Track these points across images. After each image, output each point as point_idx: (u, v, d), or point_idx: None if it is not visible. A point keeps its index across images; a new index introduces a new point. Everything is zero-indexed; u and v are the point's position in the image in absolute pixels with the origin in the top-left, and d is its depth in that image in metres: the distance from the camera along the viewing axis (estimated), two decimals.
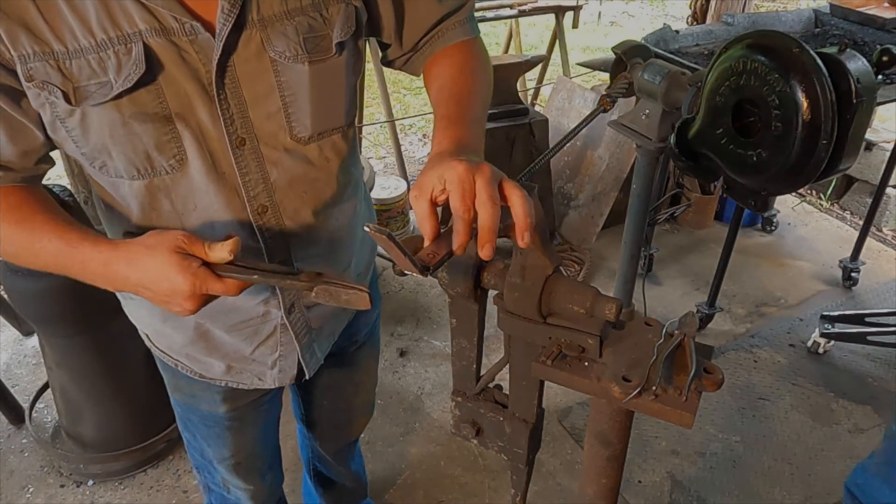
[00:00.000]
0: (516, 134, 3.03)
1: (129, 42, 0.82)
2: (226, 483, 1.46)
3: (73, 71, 0.82)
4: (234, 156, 0.94)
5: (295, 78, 0.93)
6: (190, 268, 0.80)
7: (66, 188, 1.88)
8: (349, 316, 1.31)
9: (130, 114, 0.85)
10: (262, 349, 1.16)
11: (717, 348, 2.80)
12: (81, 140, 0.88)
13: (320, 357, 1.26)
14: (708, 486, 2.21)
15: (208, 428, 1.33)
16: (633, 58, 1.92)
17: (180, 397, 1.30)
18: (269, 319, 1.12)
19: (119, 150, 0.88)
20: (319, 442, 1.68)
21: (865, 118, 1.42)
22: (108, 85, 0.83)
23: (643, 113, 1.95)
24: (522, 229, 0.77)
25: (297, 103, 0.95)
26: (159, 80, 0.85)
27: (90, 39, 0.81)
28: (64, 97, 0.82)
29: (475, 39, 1.12)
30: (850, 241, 3.34)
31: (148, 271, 0.81)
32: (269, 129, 0.95)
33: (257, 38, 0.89)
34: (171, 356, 1.20)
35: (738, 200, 1.72)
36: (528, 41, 6.26)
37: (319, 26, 0.93)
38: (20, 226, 0.87)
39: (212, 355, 1.16)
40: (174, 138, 0.89)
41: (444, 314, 2.98)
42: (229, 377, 1.20)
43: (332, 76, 0.98)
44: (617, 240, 2.42)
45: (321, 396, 1.52)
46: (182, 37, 0.85)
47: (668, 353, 0.82)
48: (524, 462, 1.06)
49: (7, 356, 2.74)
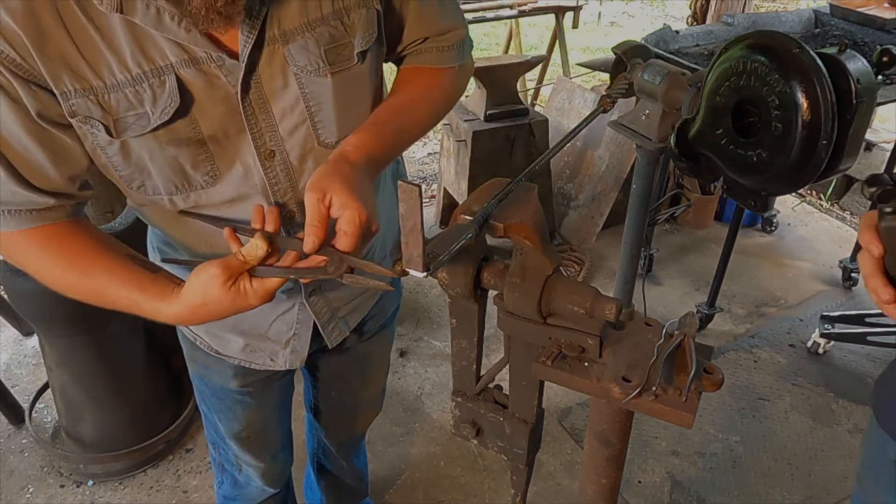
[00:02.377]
0: (516, 134, 3.03)
1: (162, 75, 0.86)
2: (238, 460, 1.48)
3: (112, 104, 0.85)
4: (264, 168, 0.98)
5: (319, 89, 0.96)
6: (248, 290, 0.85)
7: None
8: (377, 297, 1.35)
9: (167, 140, 0.90)
10: (279, 324, 1.20)
11: (717, 348, 2.80)
12: (122, 165, 0.92)
13: (345, 329, 1.29)
14: (708, 487, 2.21)
15: (220, 401, 1.36)
16: (633, 58, 1.92)
17: (195, 369, 1.34)
18: (291, 297, 1.17)
19: (157, 171, 0.93)
20: (325, 432, 1.70)
21: (865, 118, 1.42)
22: (145, 117, 0.87)
23: (643, 113, 1.95)
24: (346, 245, 0.84)
25: (323, 112, 0.99)
26: (192, 110, 0.90)
27: (126, 74, 0.85)
28: (105, 130, 0.86)
29: (452, 69, 1.14)
30: (850, 241, 3.34)
31: (216, 312, 0.87)
32: (297, 138, 0.99)
33: (280, 54, 0.92)
34: (191, 330, 1.24)
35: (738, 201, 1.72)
36: (528, 41, 6.26)
37: (341, 35, 0.96)
38: (88, 278, 0.92)
39: (231, 331, 1.20)
40: (208, 158, 0.94)
41: (444, 314, 2.98)
42: (244, 356, 1.24)
43: (356, 83, 1.01)
44: (617, 240, 2.42)
45: (330, 385, 1.55)
46: (210, 64, 0.88)
47: (668, 353, 0.82)
48: (524, 462, 1.06)
49: (7, 356, 2.74)
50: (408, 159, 4.25)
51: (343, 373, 1.50)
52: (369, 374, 1.55)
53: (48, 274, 0.93)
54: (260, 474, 1.50)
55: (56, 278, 0.93)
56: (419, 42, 1.11)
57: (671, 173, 3.38)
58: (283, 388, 1.42)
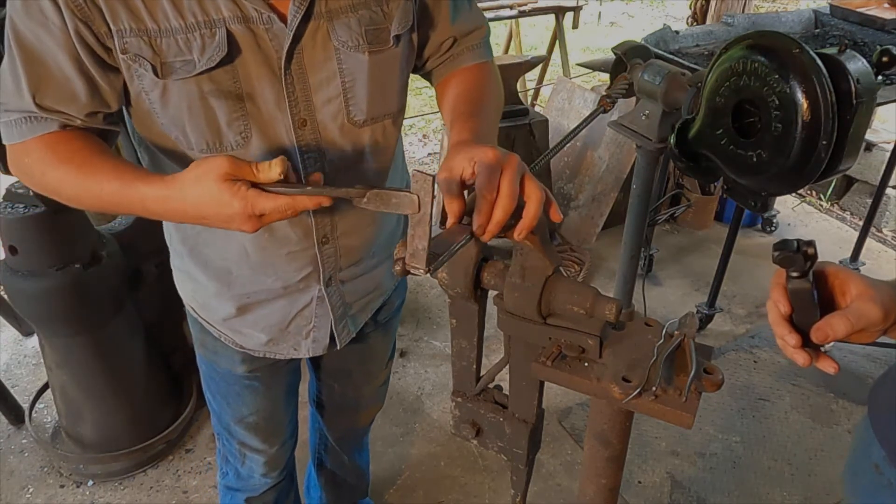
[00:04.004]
0: (516, 134, 3.03)
1: (214, 27, 0.91)
2: (242, 451, 1.50)
3: (163, 48, 0.91)
4: (296, 135, 1.01)
5: (355, 66, 1.02)
6: (239, 192, 0.83)
7: None
8: (383, 294, 1.36)
9: (208, 90, 0.94)
10: (298, 321, 1.24)
11: (716, 349, 2.80)
12: (161, 112, 0.96)
13: (353, 330, 1.32)
14: (708, 487, 2.21)
15: (229, 385, 1.38)
16: (633, 58, 1.92)
17: (204, 353, 1.36)
18: (308, 291, 1.20)
19: (193, 124, 0.97)
20: (327, 426, 1.72)
21: (865, 119, 1.42)
22: (191, 63, 0.92)
23: (643, 113, 1.95)
24: (523, 227, 0.82)
25: (356, 89, 1.03)
26: (236, 62, 0.94)
27: (180, 21, 0.90)
28: (153, 70, 0.91)
29: (487, 63, 1.19)
30: (850, 241, 3.34)
31: (201, 201, 0.85)
32: (329, 111, 1.03)
33: (324, 29, 0.98)
34: (215, 327, 1.27)
35: (738, 201, 1.72)
36: (528, 41, 6.26)
37: (380, 20, 1.02)
38: (81, 169, 0.93)
39: (254, 328, 1.24)
40: (243, 116, 0.98)
41: (444, 314, 2.98)
42: (268, 348, 1.27)
43: (389, 66, 1.06)
44: (617, 240, 2.42)
45: (333, 378, 1.57)
46: (259, 25, 0.94)
47: (668, 353, 0.82)
48: (524, 462, 1.06)
49: (7, 356, 2.74)
50: (408, 159, 4.25)
51: (346, 366, 1.52)
52: (372, 367, 1.57)
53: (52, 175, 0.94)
54: (265, 461, 1.51)
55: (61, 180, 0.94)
56: (448, 46, 1.16)
57: (671, 173, 3.38)
58: (291, 373, 1.45)
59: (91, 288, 1.89)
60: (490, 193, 0.80)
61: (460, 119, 1.03)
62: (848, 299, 0.83)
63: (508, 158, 0.83)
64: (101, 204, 0.95)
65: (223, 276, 1.17)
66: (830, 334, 0.80)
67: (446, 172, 0.85)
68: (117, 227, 2.14)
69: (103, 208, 0.97)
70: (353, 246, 1.18)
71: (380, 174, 1.16)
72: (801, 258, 0.77)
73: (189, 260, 1.19)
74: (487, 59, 1.19)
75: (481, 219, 0.80)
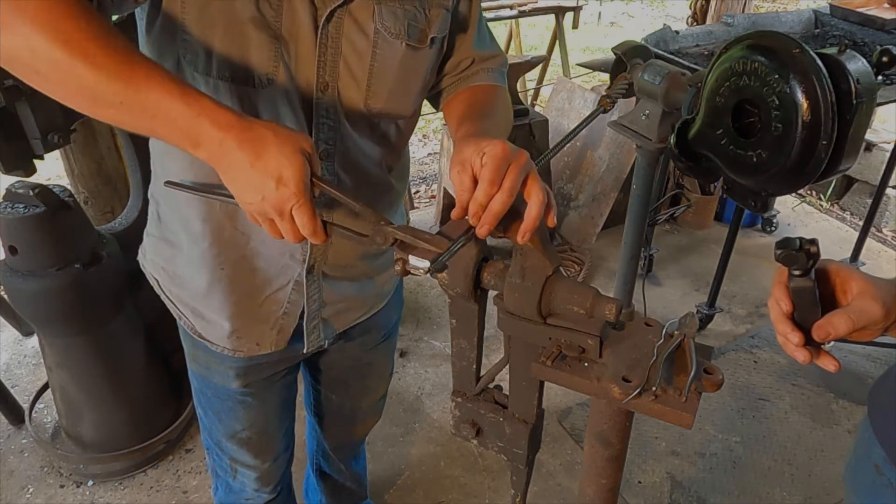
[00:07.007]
0: (516, 134, 3.03)
1: None
2: (233, 466, 1.47)
3: None
4: (316, 96, 1.00)
5: (389, 53, 1.02)
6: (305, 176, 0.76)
7: (66, 188, 1.88)
8: (366, 311, 1.33)
9: (249, 16, 0.92)
10: (269, 304, 1.18)
11: (716, 349, 2.80)
12: (194, 24, 0.91)
13: (323, 337, 1.27)
14: (708, 487, 2.21)
15: (221, 401, 1.35)
16: (633, 58, 1.92)
17: (196, 368, 1.33)
18: (288, 272, 1.15)
19: (222, 47, 0.93)
20: (324, 434, 1.71)
21: (865, 119, 1.42)
22: None
23: (643, 113, 1.95)
24: (526, 229, 0.82)
25: (382, 76, 1.03)
26: (283, 2, 0.93)
27: None
28: None
29: (501, 87, 1.20)
30: (850, 241, 3.34)
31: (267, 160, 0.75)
32: (351, 87, 1.02)
33: (370, 8, 0.99)
34: (177, 307, 1.23)
35: (738, 201, 1.72)
36: (528, 42, 6.26)
37: (422, 21, 1.04)
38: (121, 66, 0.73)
39: (220, 312, 1.18)
40: (274, 56, 0.95)
41: (444, 314, 2.98)
42: (229, 343, 1.21)
43: (419, 64, 1.07)
44: (617, 240, 2.42)
45: (330, 389, 1.55)
46: None
47: (667, 353, 0.82)
48: (524, 462, 1.06)
49: (7, 356, 2.74)
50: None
51: (344, 378, 1.50)
52: (370, 382, 1.55)
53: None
54: (257, 476, 1.48)
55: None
56: (466, 66, 1.17)
57: (671, 173, 3.38)
58: (286, 388, 1.41)
59: (91, 288, 1.89)
60: (492, 187, 0.80)
61: (468, 120, 1.02)
62: (849, 297, 0.83)
63: (518, 155, 0.82)
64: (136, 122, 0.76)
65: (203, 238, 1.09)
66: (832, 332, 0.81)
67: (459, 166, 0.84)
68: (117, 227, 2.14)
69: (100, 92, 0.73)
70: (345, 243, 1.15)
71: (381, 173, 1.15)
72: (803, 256, 0.77)
73: (171, 215, 1.13)
74: (501, 84, 1.20)
75: (475, 207, 0.80)
